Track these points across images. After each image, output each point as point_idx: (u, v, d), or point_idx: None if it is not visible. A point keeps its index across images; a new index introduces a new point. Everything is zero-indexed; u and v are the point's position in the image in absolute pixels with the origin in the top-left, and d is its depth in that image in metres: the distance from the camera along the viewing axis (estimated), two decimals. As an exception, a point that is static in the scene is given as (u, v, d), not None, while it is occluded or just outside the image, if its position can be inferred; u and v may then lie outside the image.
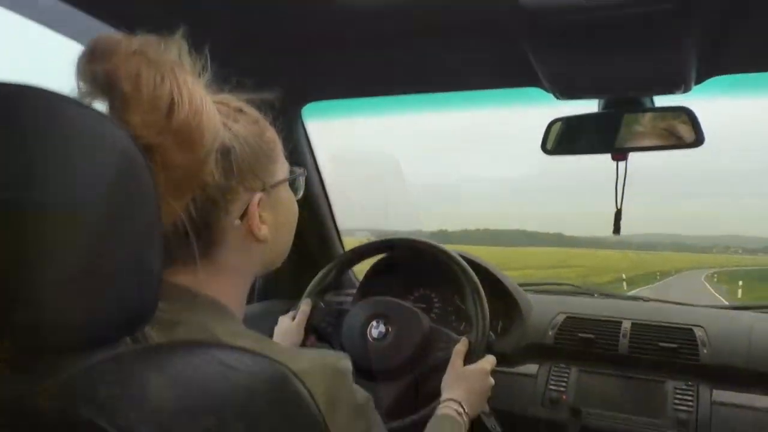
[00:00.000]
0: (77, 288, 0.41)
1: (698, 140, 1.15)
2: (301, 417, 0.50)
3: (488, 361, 1.15)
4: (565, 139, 1.25)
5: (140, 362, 0.43)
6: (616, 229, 1.31)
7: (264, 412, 0.46)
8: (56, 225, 0.40)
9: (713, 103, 1.23)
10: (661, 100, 1.21)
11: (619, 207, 1.28)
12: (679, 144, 1.17)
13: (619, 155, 1.23)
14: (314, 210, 1.74)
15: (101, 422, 0.37)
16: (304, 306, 1.30)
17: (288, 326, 1.26)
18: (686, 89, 1.14)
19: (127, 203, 0.45)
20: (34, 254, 0.39)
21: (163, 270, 0.63)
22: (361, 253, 1.44)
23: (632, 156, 1.23)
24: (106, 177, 0.43)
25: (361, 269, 1.66)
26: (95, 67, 0.55)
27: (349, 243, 1.86)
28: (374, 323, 1.27)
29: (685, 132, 1.16)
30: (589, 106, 1.25)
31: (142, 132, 0.55)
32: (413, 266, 1.55)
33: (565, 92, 1.18)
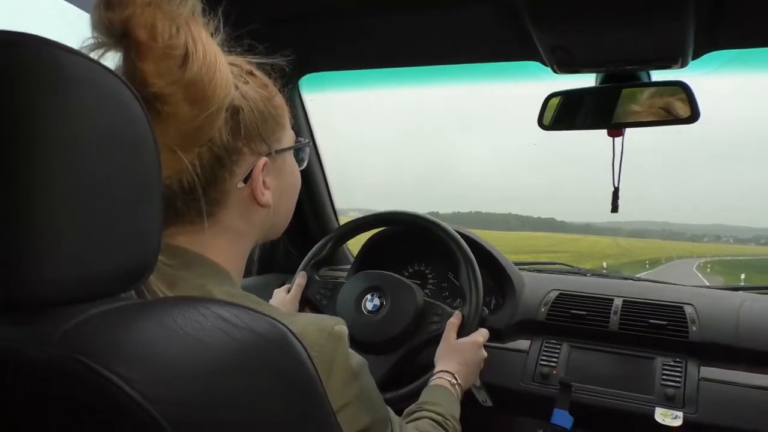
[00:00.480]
0: (75, 240, 0.41)
1: (694, 116, 1.15)
2: (299, 376, 0.50)
3: (481, 334, 1.16)
4: (562, 114, 1.25)
5: (139, 315, 0.43)
6: (614, 207, 1.31)
7: (262, 369, 0.46)
8: (53, 176, 0.39)
9: (710, 78, 1.23)
10: (658, 76, 1.21)
11: (616, 185, 1.28)
12: (675, 120, 1.17)
13: (616, 131, 1.23)
14: (310, 184, 1.73)
15: (101, 369, 0.37)
16: (300, 279, 1.30)
17: (283, 299, 1.27)
18: (683, 64, 1.14)
19: (126, 155, 0.45)
20: (32, 206, 0.39)
21: (168, 228, 0.64)
22: (357, 226, 1.44)
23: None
24: (104, 127, 0.43)
25: (355, 247, 1.66)
26: (111, 15, 0.55)
27: (343, 222, 1.86)
28: (369, 296, 1.28)
29: (680, 108, 1.16)
30: (586, 80, 1.24)
31: (154, 80, 0.56)
32: (408, 241, 1.55)
33: (564, 66, 1.18)
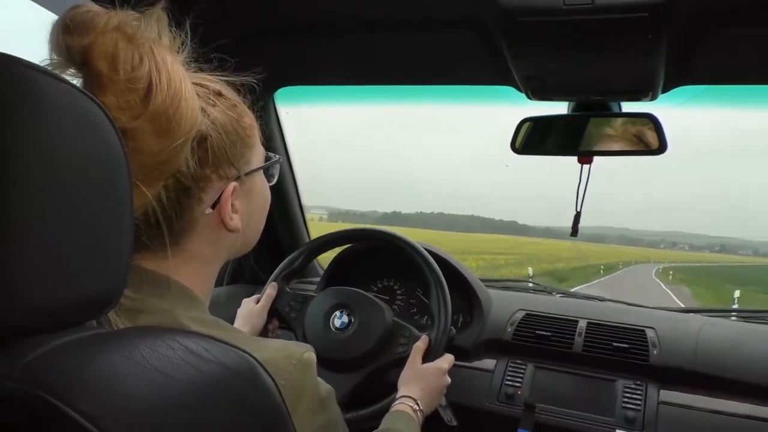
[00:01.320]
0: (41, 269, 0.39)
1: (661, 147, 1.18)
2: (266, 408, 0.50)
3: (446, 360, 1.16)
4: (534, 139, 1.27)
5: (105, 347, 0.42)
6: (574, 231, 1.33)
7: (228, 401, 0.46)
8: (20, 203, 0.38)
9: (678, 111, 1.27)
10: (628, 107, 1.24)
11: (578, 209, 1.30)
12: (643, 150, 1.20)
13: (586, 158, 1.25)
14: (282, 196, 1.72)
15: (63, 406, 0.36)
16: (270, 290, 1.30)
17: (251, 309, 1.26)
18: (653, 97, 1.16)
19: (98, 183, 0.43)
20: None
21: (134, 254, 0.62)
22: (330, 241, 1.44)
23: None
24: (77, 154, 0.42)
25: (326, 259, 1.65)
26: (71, 41, 0.52)
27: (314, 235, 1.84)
28: (337, 313, 1.27)
29: (649, 138, 1.19)
30: (560, 107, 1.26)
31: (116, 114, 0.52)
32: (378, 257, 1.55)
33: (538, 93, 1.19)
